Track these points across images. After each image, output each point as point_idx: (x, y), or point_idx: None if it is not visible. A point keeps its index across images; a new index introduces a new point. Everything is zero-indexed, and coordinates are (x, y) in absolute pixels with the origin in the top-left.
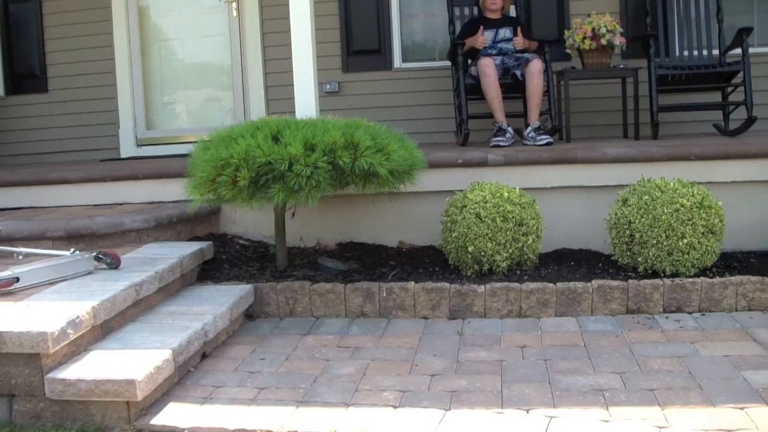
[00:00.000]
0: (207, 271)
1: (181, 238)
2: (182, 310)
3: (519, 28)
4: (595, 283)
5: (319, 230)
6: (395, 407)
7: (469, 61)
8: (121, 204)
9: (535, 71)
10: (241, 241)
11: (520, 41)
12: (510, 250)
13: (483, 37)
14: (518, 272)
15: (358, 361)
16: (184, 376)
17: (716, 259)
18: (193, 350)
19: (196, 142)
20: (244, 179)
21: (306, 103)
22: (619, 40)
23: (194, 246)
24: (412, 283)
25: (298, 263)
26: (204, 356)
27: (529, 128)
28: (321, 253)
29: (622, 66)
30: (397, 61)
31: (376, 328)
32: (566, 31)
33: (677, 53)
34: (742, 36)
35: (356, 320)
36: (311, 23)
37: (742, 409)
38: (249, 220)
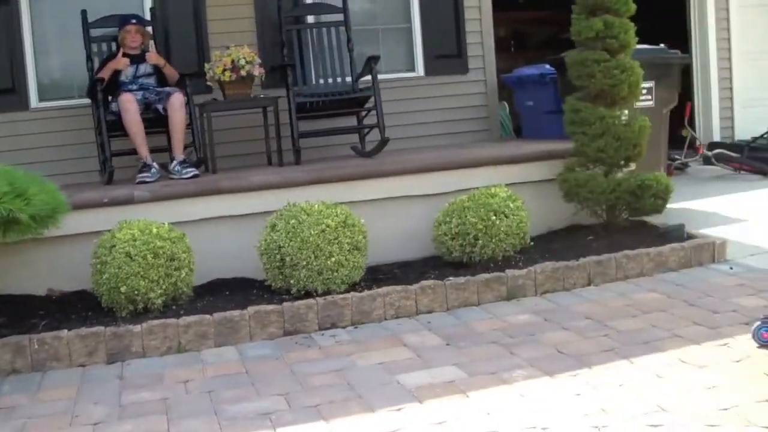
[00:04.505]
0: None
1: None
2: None
3: (152, 43)
4: (252, 309)
5: None
6: None
7: (110, 98)
8: None
9: (176, 105)
10: None
11: (153, 56)
12: (164, 286)
13: (124, 59)
14: (174, 307)
15: (14, 422)
16: None
17: (364, 273)
18: None
19: None
20: None
21: None
22: (258, 71)
23: None
24: (65, 331)
25: None
26: None
27: (175, 162)
28: None
29: (262, 96)
30: (33, 101)
31: (31, 384)
32: (206, 64)
33: (314, 81)
34: (371, 64)
35: (8, 378)
36: None
37: (399, 410)
38: None
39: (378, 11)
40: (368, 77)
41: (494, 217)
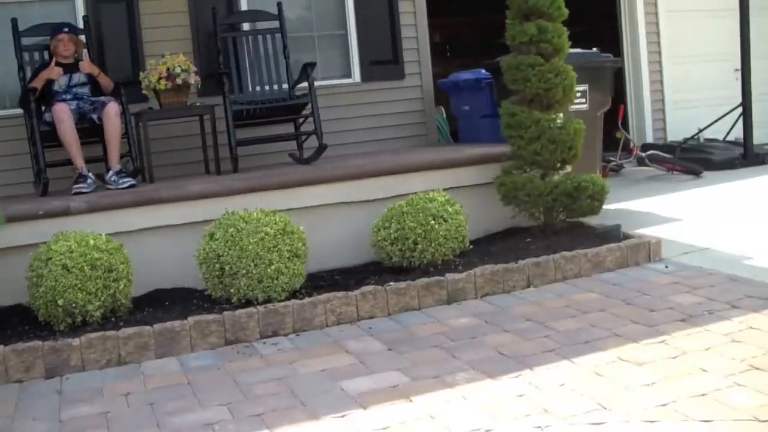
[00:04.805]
0: None
1: None
2: None
3: (85, 52)
4: (192, 319)
5: None
6: None
7: (44, 108)
8: None
9: (111, 114)
10: None
11: (86, 64)
12: (102, 298)
13: (57, 68)
14: (114, 319)
15: None
16: None
17: (304, 280)
18: None
19: None
20: None
21: None
22: (193, 79)
23: None
24: (1, 346)
25: None
26: None
27: (111, 172)
28: None
29: (198, 104)
30: None
31: None
32: (141, 73)
33: (250, 89)
34: (307, 70)
35: None
36: None
37: (343, 416)
38: None
39: (314, 18)
40: (305, 84)
41: (433, 222)
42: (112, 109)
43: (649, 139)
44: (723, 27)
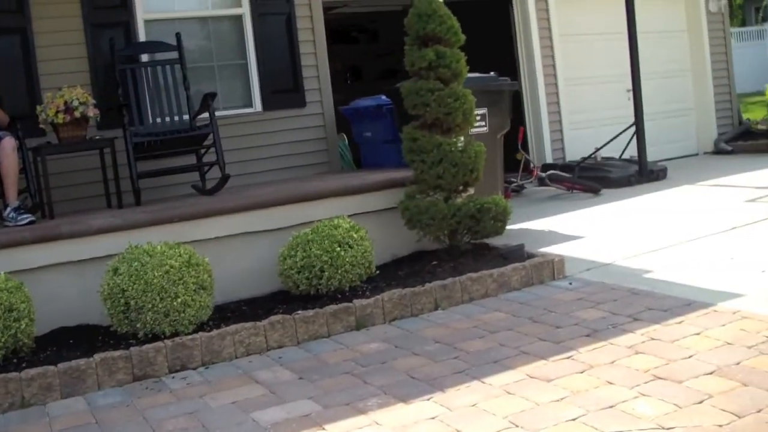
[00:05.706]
0: None
1: None
2: None
3: None
4: (98, 356)
5: None
6: None
7: None
8: None
9: (8, 149)
10: None
11: None
12: (3, 339)
13: None
14: (15, 360)
15: None
16: None
17: (211, 312)
18: None
19: None
20: None
21: None
22: (92, 112)
23: None
24: None
25: None
26: None
27: (9, 209)
28: None
29: (98, 137)
30: None
31: None
32: (38, 106)
33: (151, 120)
34: (208, 101)
35: None
36: None
37: None
38: None
39: (213, 48)
40: (206, 114)
41: (339, 249)
42: (8, 144)
43: (549, 160)
44: (614, 49)
